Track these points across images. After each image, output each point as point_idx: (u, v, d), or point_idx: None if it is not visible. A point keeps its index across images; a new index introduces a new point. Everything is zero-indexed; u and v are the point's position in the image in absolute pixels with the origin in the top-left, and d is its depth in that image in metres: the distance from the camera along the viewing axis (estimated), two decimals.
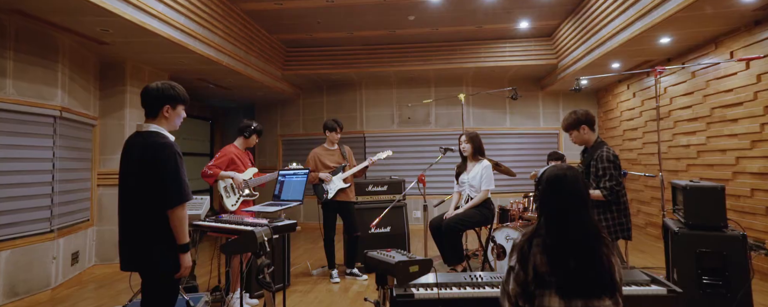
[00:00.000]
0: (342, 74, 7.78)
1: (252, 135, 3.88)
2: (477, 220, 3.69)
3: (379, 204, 5.10)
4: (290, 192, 3.05)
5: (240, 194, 3.75)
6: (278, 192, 3.18)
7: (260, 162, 9.02)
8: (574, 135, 3.14)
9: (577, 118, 3.12)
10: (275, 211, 2.69)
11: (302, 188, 2.95)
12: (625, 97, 7.23)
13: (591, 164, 3.01)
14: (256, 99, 8.63)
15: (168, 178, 2.05)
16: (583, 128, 3.10)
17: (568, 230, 1.65)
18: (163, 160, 2.07)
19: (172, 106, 2.23)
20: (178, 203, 2.06)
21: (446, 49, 7.31)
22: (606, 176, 2.89)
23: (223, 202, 3.67)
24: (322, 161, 4.66)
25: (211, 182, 3.71)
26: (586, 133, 3.10)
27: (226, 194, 3.68)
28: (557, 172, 1.74)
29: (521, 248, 1.71)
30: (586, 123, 3.10)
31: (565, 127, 3.16)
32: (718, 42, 4.87)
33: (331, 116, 8.59)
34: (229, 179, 3.71)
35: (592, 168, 2.99)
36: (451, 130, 8.24)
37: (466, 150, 3.89)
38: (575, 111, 3.15)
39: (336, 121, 4.69)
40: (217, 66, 5.74)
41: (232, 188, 3.71)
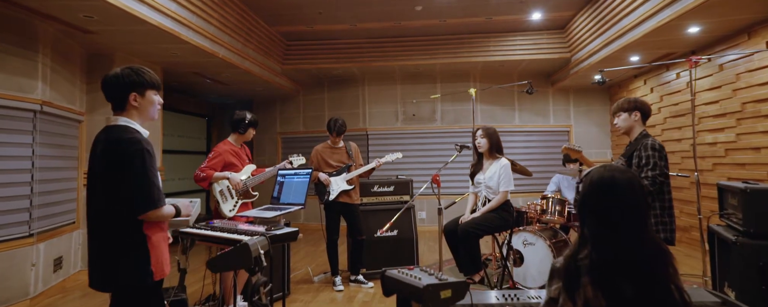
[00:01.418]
0: (344, 69, 7.43)
1: (248, 129, 3.54)
2: (496, 224, 3.35)
3: (385, 206, 4.76)
4: (291, 194, 2.71)
5: (238, 198, 3.41)
6: (277, 194, 2.83)
7: (258, 162, 8.68)
8: (622, 118, 2.86)
9: (635, 102, 2.84)
10: (274, 216, 2.36)
11: (304, 190, 2.61)
12: (642, 92, 6.88)
13: (634, 155, 2.70)
14: (254, 95, 8.28)
15: (133, 180, 1.73)
16: (635, 114, 2.82)
17: (622, 247, 1.30)
18: (127, 158, 1.74)
19: (140, 93, 1.89)
20: (144, 209, 1.74)
21: (454, 42, 6.97)
22: (649, 164, 2.60)
23: (220, 207, 3.32)
24: (325, 160, 4.32)
25: (205, 186, 3.36)
26: (636, 121, 2.83)
27: (222, 199, 3.34)
28: (609, 173, 1.37)
29: (567, 273, 1.36)
30: (642, 110, 2.83)
31: (618, 108, 2.90)
32: (751, 31, 4.53)
33: (332, 113, 8.26)
34: (225, 181, 3.36)
35: (635, 159, 2.68)
36: (457, 128, 7.90)
37: (482, 147, 3.55)
38: (634, 98, 2.88)
39: (335, 122, 4.32)
40: (212, 59, 5.40)
41: (230, 190, 3.37)
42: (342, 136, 4.37)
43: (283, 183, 2.85)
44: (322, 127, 8.24)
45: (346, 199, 4.26)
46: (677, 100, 5.92)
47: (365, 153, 7.81)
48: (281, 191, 2.81)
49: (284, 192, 2.78)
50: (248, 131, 3.54)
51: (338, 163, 4.34)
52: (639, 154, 2.64)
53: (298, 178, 2.76)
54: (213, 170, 3.32)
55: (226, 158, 3.40)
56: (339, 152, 4.39)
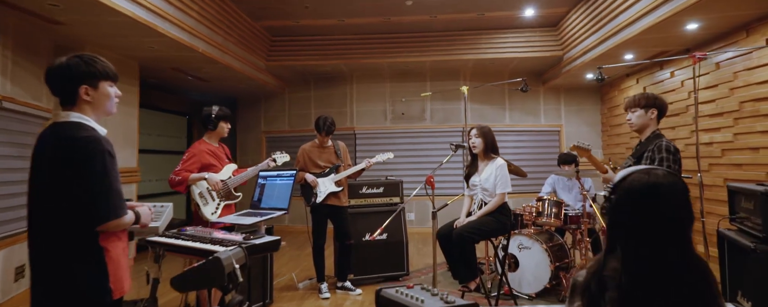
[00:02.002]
0: (331, 66, 7.19)
1: (218, 124, 3.27)
2: (493, 228, 3.15)
3: (374, 208, 4.55)
4: (273, 198, 2.47)
5: (220, 199, 3.15)
6: (257, 198, 2.59)
7: (242, 161, 8.38)
8: (637, 115, 2.64)
9: (654, 99, 2.64)
10: (253, 223, 2.12)
11: (288, 194, 2.37)
12: (634, 91, 6.76)
13: (644, 155, 2.51)
14: (237, 92, 7.99)
15: (92, 185, 1.48)
16: (653, 111, 2.62)
17: (661, 264, 1.10)
18: (84, 160, 1.50)
19: (92, 85, 1.64)
20: (104, 219, 1.49)
21: (445, 39, 6.77)
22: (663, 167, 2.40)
23: (201, 211, 3.07)
24: (312, 159, 4.09)
25: (182, 190, 3.09)
26: (651, 119, 2.62)
27: (202, 201, 3.08)
28: (650, 178, 1.16)
29: (590, 291, 1.16)
30: (660, 108, 2.63)
31: (634, 103, 2.67)
32: (749, 28, 4.42)
33: (319, 112, 8.01)
34: (204, 182, 3.11)
35: (645, 161, 2.49)
36: (447, 127, 7.72)
37: (476, 147, 3.35)
38: (651, 94, 2.69)
39: (325, 121, 4.09)
40: (192, 53, 5.12)
41: (210, 192, 3.12)
42: (330, 136, 4.14)
43: (265, 185, 2.60)
44: (308, 126, 7.98)
45: (335, 201, 4.03)
46: (671, 100, 5.79)
47: (353, 153, 7.58)
48: (262, 194, 2.56)
49: (266, 195, 2.53)
50: (220, 126, 3.28)
51: (326, 163, 4.11)
52: (651, 155, 2.45)
53: (281, 180, 2.52)
54: (189, 171, 3.06)
55: (202, 158, 3.14)
56: (327, 152, 4.16)
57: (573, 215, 4.09)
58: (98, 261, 1.52)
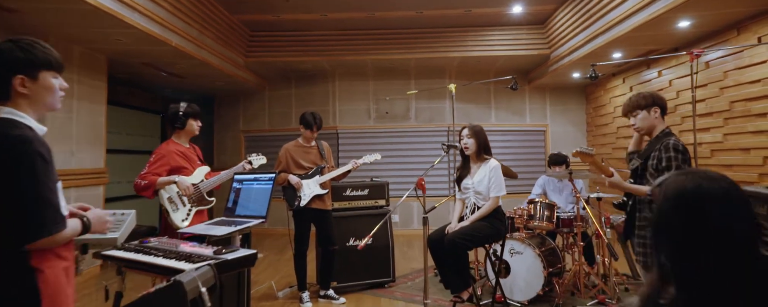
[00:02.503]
0: (313, 63, 6.94)
1: (187, 122, 3.01)
2: (487, 233, 2.97)
3: (359, 211, 4.33)
4: (249, 205, 2.22)
5: (192, 205, 2.89)
6: (232, 204, 2.34)
7: (220, 162, 8.06)
8: (641, 117, 2.43)
9: (652, 96, 2.44)
10: (226, 234, 1.88)
11: (266, 200, 2.13)
12: (621, 91, 6.71)
13: (652, 155, 2.35)
14: (215, 90, 7.67)
15: (19, 195, 1.23)
16: (654, 110, 2.42)
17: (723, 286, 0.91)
18: (10, 164, 1.25)
19: (30, 75, 1.38)
20: (33, 237, 1.24)
21: (430, 36, 6.59)
22: (670, 168, 2.22)
23: (171, 218, 2.80)
24: (295, 160, 3.84)
25: (149, 195, 2.82)
26: (656, 118, 2.42)
27: (172, 207, 2.82)
28: (693, 183, 0.96)
29: None
30: (661, 105, 2.44)
31: (633, 105, 2.45)
32: (740, 27, 4.34)
33: (300, 110, 7.72)
34: (174, 186, 2.84)
35: (652, 160, 2.33)
36: (432, 127, 7.55)
37: (468, 147, 3.16)
38: (648, 92, 2.49)
39: (315, 116, 3.88)
40: (164, 47, 4.82)
41: (180, 197, 2.85)
42: (316, 133, 3.91)
43: (240, 190, 2.35)
44: (289, 126, 7.72)
45: (319, 204, 3.81)
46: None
47: (335, 153, 7.34)
48: (237, 199, 2.31)
49: (241, 201, 2.28)
50: (189, 124, 3.02)
51: (310, 164, 3.88)
52: (658, 155, 2.29)
53: (258, 184, 2.27)
54: (156, 175, 2.79)
55: (171, 160, 2.88)
56: (311, 152, 3.93)
57: (566, 218, 3.95)
58: (29, 286, 1.26)
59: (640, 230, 2.34)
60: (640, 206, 2.36)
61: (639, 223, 2.34)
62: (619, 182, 2.35)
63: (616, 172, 2.37)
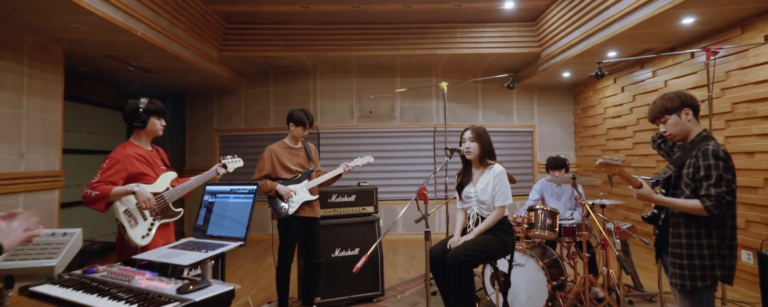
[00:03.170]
0: (293, 58, 6.54)
1: (148, 120, 2.60)
2: (494, 249, 2.65)
3: (345, 219, 3.98)
4: (224, 223, 1.82)
5: (154, 218, 2.48)
6: (203, 222, 1.93)
7: (191, 163, 7.57)
8: (672, 122, 2.13)
9: (680, 97, 2.14)
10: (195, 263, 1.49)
11: (246, 217, 1.73)
12: (611, 91, 6.54)
13: (687, 163, 2.07)
14: (187, 86, 7.17)
15: None
16: (685, 112, 2.12)
17: None
18: None
19: None
20: None
21: (418, 31, 6.28)
22: (710, 178, 1.94)
23: (128, 235, 2.35)
24: (282, 163, 3.46)
25: (101, 209, 2.38)
26: (689, 121, 2.12)
27: (129, 222, 2.38)
28: None
29: None
30: (691, 106, 2.13)
31: (661, 109, 2.16)
32: (745, 25, 4.17)
33: (279, 109, 7.33)
34: (131, 197, 2.41)
35: (688, 168, 2.05)
36: (418, 127, 7.24)
37: (471, 152, 2.84)
38: (674, 93, 2.19)
39: (306, 113, 3.50)
40: (129, 37, 4.36)
41: (140, 210, 2.43)
42: (308, 131, 3.54)
43: (213, 204, 1.94)
44: (267, 124, 7.30)
45: (309, 212, 3.44)
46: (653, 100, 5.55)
47: None
48: (209, 216, 1.91)
49: (215, 219, 1.87)
50: (150, 123, 2.60)
51: (298, 167, 3.50)
52: (695, 162, 2.00)
53: (235, 198, 1.87)
54: (110, 184, 2.37)
55: (129, 165, 2.46)
56: (299, 154, 3.55)
57: (568, 227, 3.69)
58: None
59: (675, 248, 2.05)
60: (674, 220, 2.08)
61: (674, 240, 2.06)
62: (650, 194, 2.06)
63: (644, 182, 2.08)
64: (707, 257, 1.97)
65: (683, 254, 2.00)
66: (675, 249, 2.04)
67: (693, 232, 2.00)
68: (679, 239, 2.02)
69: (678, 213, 2.05)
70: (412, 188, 7.07)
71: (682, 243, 2.01)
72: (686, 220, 2.01)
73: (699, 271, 1.97)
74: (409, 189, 7.07)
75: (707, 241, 1.98)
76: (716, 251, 1.97)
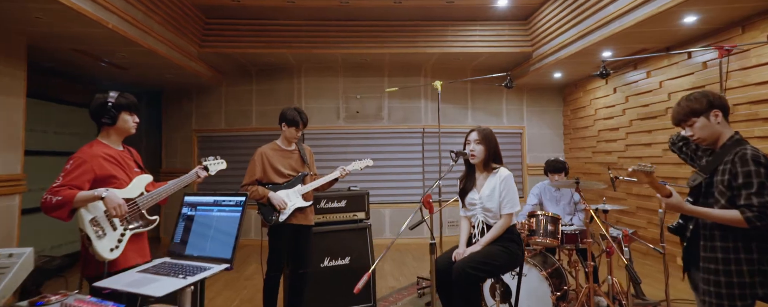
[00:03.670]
0: (277, 56, 6.25)
1: (118, 116, 2.29)
2: (503, 261, 2.44)
3: (336, 226, 3.73)
4: (206, 242, 1.54)
5: (125, 227, 2.19)
6: (180, 239, 1.65)
7: (168, 164, 7.20)
8: (700, 125, 1.93)
9: (707, 97, 1.95)
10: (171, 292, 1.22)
11: (233, 235, 1.45)
12: (603, 93, 6.43)
13: (720, 169, 1.88)
14: (164, 84, 6.80)
15: None
16: (715, 114, 1.93)
17: None
18: None
19: None
20: None
21: (408, 29, 6.06)
22: (751, 186, 1.76)
23: (94, 247, 2.05)
24: (274, 167, 3.19)
25: (63, 216, 2.06)
26: (719, 123, 1.93)
27: (95, 232, 2.08)
28: None
29: None
30: (721, 107, 1.94)
31: (688, 111, 1.96)
32: (746, 24, 4.07)
33: (261, 109, 7.02)
34: (99, 203, 2.12)
35: (723, 175, 1.86)
36: (406, 128, 7.02)
37: (476, 155, 2.62)
38: (700, 93, 1.99)
39: (300, 112, 3.25)
40: (99, 29, 4.02)
41: (109, 218, 2.14)
42: (302, 131, 3.29)
43: (193, 219, 1.65)
44: (248, 125, 6.98)
45: (301, 219, 3.18)
46: (647, 102, 5.47)
47: None
48: (188, 233, 1.62)
49: (195, 236, 1.57)
50: (121, 119, 2.31)
51: (291, 171, 3.24)
52: (731, 168, 1.81)
53: (220, 210, 1.58)
54: (74, 188, 2.07)
55: (97, 167, 2.16)
56: (292, 157, 3.29)
57: (570, 233, 3.50)
58: None
59: (708, 263, 1.86)
60: (704, 231, 1.89)
61: (707, 254, 1.87)
62: (680, 204, 1.86)
63: (675, 191, 1.89)
64: (746, 274, 1.78)
65: (719, 270, 1.81)
66: (708, 264, 1.85)
67: (730, 245, 1.81)
68: (714, 253, 1.84)
69: (711, 224, 1.87)
70: (400, 191, 6.86)
71: (717, 258, 1.82)
72: (722, 232, 1.83)
73: (737, 289, 1.78)
74: (398, 192, 6.85)
75: (746, 256, 1.79)
76: (757, 268, 1.78)
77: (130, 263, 2.20)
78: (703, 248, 1.89)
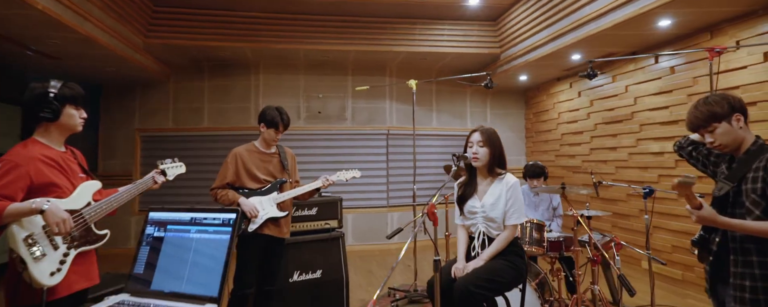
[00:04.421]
0: (233, 50, 5.78)
1: (62, 110, 1.87)
2: (509, 277, 2.21)
3: (307, 236, 3.39)
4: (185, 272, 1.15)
5: (69, 245, 1.77)
6: (143, 269, 1.25)
7: (107, 167, 6.48)
8: (722, 130, 1.79)
9: (727, 100, 1.80)
10: None
11: (222, 262, 1.10)
12: (567, 96, 6.47)
13: (748, 176, 1.74)
14: (104, 77, 6.12)
15: None
16: (737, 118, 1.79)
17: None
18: None
19: None
20: None
21: (375, 26, 5.79)
22: None
23: (30, 271, 1.63)
24: (249, 170, 2.83)
25: None
26: (741, 129, 1.80)
27: (32, 253, 1.64)
28: None
29: None
30: (742, 111, 1.81)
31: (708, 116, 1.80)
32: (715, 29, 4.14)
33: (215, 107, 6.50)
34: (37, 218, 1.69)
35: (754, 184, 1.71)
36: (371, 129, 6.75)
37: (479, 158, 2.37)
38: (719, 96, 1.83)
39: (281, 112, 2.91)
40: (26, 11, 3.46)
41: (49, 236, 1.71)
42: (281, 134, 2.94)
43: (162, 242, 1.25)
44: (200, 124, 6.44)
45: (274, 231, 2.82)
46: (612, 106, 5.51)
47: None
48: (156, 260, 1.22)
49: (165, 264, 1.17)
50: (66, 114, 1.89)
51: (268, 177, 2.88)
52: (764, 176, 1.67)
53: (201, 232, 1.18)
54: (4, 199, 1.64)
55: (34, 172, 1.73)
56: (271, 161, 2.94)
57: (554, 241, 3.36)
58: None
59: (741, 279, 1.70)
60: (734, 245, 1.74)
61: (740, 269, 1.71)
62: (713, 216, 1.70)
63: (705, 203, 1.73)
64: (759, 291, 1.65)
65: (757, 287, 1.66)
66: (742, 281, 1.70)
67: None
68: (751, 269, 1.69)
69: (742, 237, 1.72)
70: (363, 196, 6.57)
71: (754, 274, 1.67)
72: (758, 245, 1.68)
73: None
74: (361, 197, 6.56)
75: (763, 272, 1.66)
76: None
77: (74, 288, 1.81)
78: (733, 263, 1.74)
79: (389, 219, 6.72)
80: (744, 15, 3.84)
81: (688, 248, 4.33)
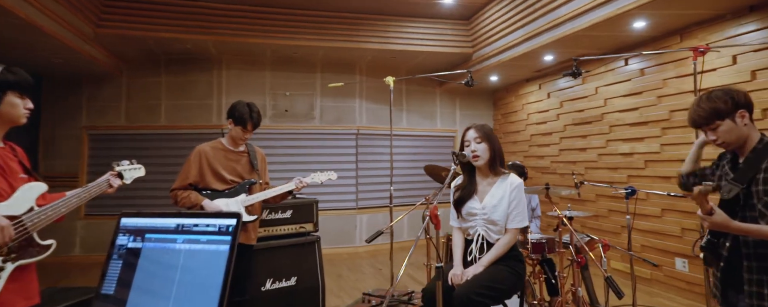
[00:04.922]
0: (195, 43, 5.42)
1: (3, 98, 1.61)
2: (510, 284, 2.07)
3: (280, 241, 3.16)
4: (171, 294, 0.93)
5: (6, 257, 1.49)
6: (114, 288, 1.00)
7: (48, 168, 5.93)
8: (726, 127, 1.72)
9: (731, 96, 1.72)
10: None
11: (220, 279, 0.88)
12: (537, 97, 6.51)
13: (758, 178, 1.67)
14: (48, 69, 5.58)
15: None
16: (742, 115, 1.71)
17: None
18: None
19: None
20: None
21: (346, 21, 5.60)
22: None
23: None
24: (215, 169, 2.57)
25: None
26: (746, 126, 1.73)
27: None
28: None
29: None
30: (747, 107, 1.73)
31: (712, 113, 1.72)
32: (684, 33, 4.22)
33: (173, 103, 6.09)
34: None
35: (765, 185, 1.65)
36: (339, 129, 6.54)
37: (480, 155, 2.23)
38: (722, 91, 1.75)
39: (251, 109, 2.67)
40: None
41: None
42: (250, 133, 2.69)
43: (140, 254, 1.01)
44: (156, 122, 6.02)
45: (242, 237, 2.57)
46: (582, 107, 5.57)
47: None
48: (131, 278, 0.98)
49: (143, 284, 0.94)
50: (7, 102, 1.63)
51: (235, 177, 2.63)
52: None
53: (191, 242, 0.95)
54: None
55: None
56: (240, 161, 2.70)
57: (537, 243, 3.29)
58: None
59: (757, 286, 1.62)
60: (747, 250, 1.67)
61: (751, 275, 1.64)
62: (726, 222, 1.62)
63: (717, 208, 1.65)
64: None
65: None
66: (758, 288, 1.62)
67: None
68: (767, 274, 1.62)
69: (756, 242, 1.65)
70: (331, 197, 6.34)
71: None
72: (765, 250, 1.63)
73: None
74: (329, 198, 6.32)
75: None
76: None
77: None
78: (746, 269, 1.67)
79: (358, 221, 6.53)
80: (712, 19, 3.93)
81: (659, 247, 4.40)
